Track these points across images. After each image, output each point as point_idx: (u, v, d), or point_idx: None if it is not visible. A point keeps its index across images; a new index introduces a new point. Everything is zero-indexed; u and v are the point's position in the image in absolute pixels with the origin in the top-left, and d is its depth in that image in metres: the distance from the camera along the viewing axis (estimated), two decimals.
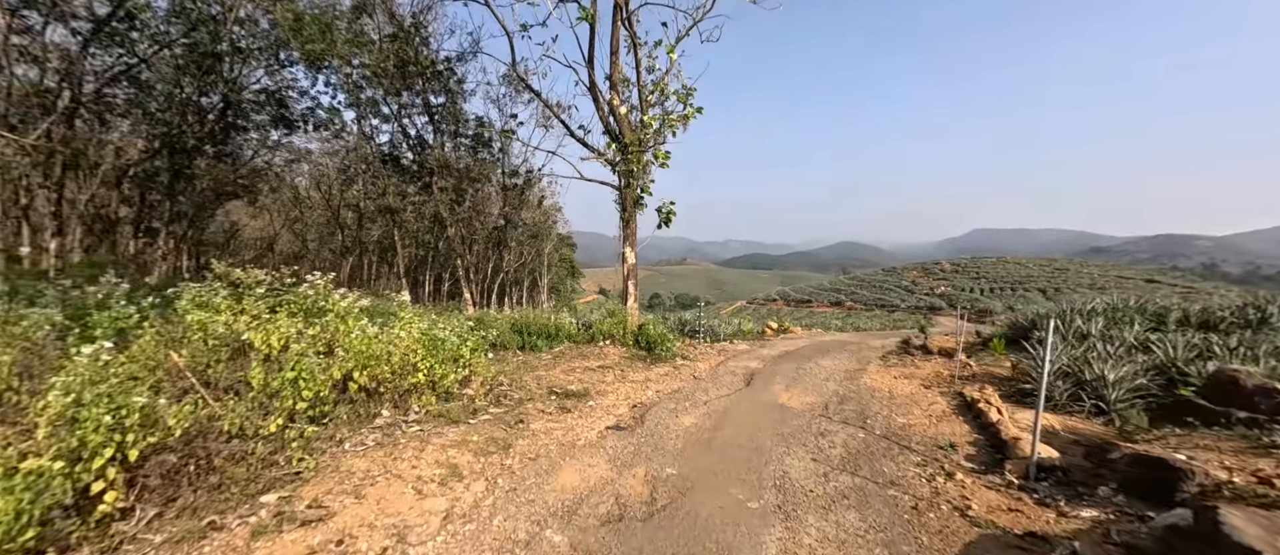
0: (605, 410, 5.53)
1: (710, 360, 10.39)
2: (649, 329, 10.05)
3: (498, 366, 7.77)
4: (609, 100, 12.43)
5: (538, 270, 51.19)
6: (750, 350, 12.72)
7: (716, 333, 16.01)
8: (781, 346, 13.95)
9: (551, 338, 10.29)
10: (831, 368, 10.10)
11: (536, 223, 36.90)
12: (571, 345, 10.44)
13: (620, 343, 10.27)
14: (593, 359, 8.90)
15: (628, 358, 9.35)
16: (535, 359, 8.75)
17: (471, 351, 5.64)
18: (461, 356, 5.56)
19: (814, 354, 12.48)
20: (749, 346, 13.60)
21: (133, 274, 15.43)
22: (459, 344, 5.62)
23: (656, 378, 7.85)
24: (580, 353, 9.46)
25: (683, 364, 9.36)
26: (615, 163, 11.80)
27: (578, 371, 7.64)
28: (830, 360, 11.37)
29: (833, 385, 7.98)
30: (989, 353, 11.78)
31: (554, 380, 6.82)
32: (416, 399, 4.63)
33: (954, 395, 7.44)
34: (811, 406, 6.39)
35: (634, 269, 12.86)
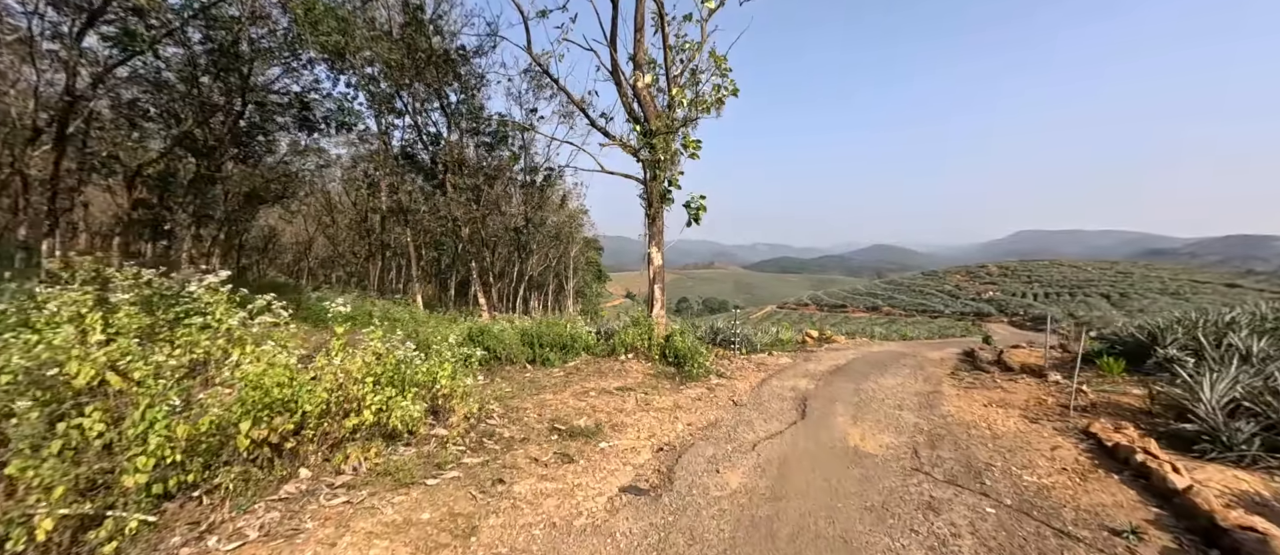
0: (621, 457, 4.14)
1: (749, 377, 8.86)
2: (677, 340, 8.63)
3: (497, 387, 6.51)
4: (632, 82, 11.11)
5: (563, 274, 50.47)
6: (794, 364, 11.08)
7: (752, 342, 14.40)
8: (829, 359, 12.24)
9: (566, 350, 9.00)
10: (897, 389, 8.40)
11: (560, 225, 36.03)
12: (589, 358, 9.11)
13: (644, 356, 8.87)
14: (611, 377, 7.53)
15: (653, 375, 7.94)
16: (544, 377, 7.45)
17: (451, 377, 4.37)
18: (437, 383, 4.30)
19: (869, 370, 10.74)
20: (791, 359, 11.96)
21: None
22: (433, 367, 4.36)
23: (688, 403, 6.41)
24: (598, 369, 8.11)
25: (718, 384, 7.87)
26: (638, 150, 10.44)
27: (592, 395, 6.28)
28: (892, 378, 9.64)
29: (910, 416, 6.34)
30: (1093, 371, 9.73)
31: (560, 409, 5.47)
32: (357, 450, 3.37)
33: (1079, 434, 5.70)
34: (895, 451, 4.82)
35: (660, 272, 11.47)
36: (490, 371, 7.61)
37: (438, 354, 4.87)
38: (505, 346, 8.00)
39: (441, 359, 4.70)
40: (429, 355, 5.05)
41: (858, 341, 19.72)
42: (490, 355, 7.87)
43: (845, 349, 15.62)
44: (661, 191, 11.14)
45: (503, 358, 7.96)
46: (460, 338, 7.80)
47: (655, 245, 11.37)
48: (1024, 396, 7.77)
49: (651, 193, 11.11)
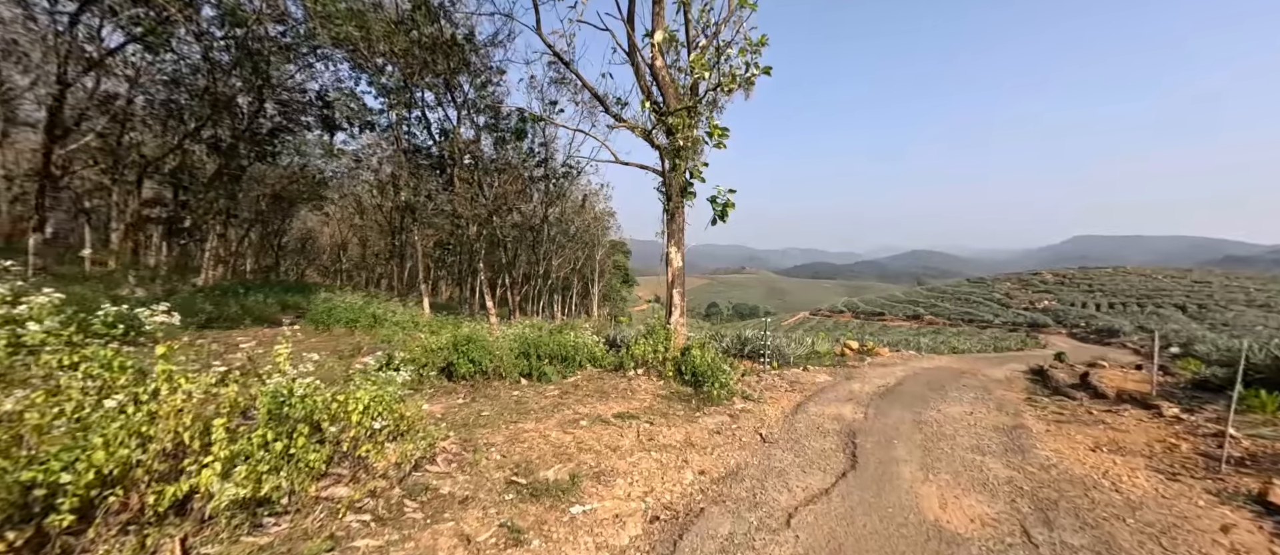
0: (596, 532, 2.90)
1: (781, 400, 7.44)
2: (696, 354, 7.31)
3: (469, 412, 5.38)
4: (650, 61, 9.90)
5: (589, 277, 49.68)
6: (834, 383, 9.55)
7: (784, 355, 12.87)
8: (875, 377, 10.61)
9: (567, 362, 7.83)
10: (969, 421, 6.80)
11: (584, 226, 35.15)
12: (594, 373, 7.92)
13: (656, 372, 7.59)
14: (613, 399, 6.30)
15: (664, 397, 6.65)
16: (535, 396, 6.29)
17: (364, 412, 3.21)
18: (344, 421, 3.15)
19: (926, 392, 9.09)
20: (830, 376, 10.41)
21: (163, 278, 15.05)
22: (337, 403, 3.21)
23: (703, 438, 5.09)
24: (599, 388, 6.89)
25: (743, 410, 6.51)
26: (651, 130, 9.21)
27: (583, 424, 5.05)
28: (956, 404, 8.00)
29: (999, 466, 4.81)
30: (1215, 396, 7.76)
31: (536, 446, 4.27)
32: (175, 536, 2.25)
33: (1251, 503, 4.07)
34: (995, 530, 3.37)
35: (680, 275, 10.17)
36: (474, 389, 6.52)
37: (366, 376, 3.77)
38: (494, 359, 6.90)
39: (370, 385, 3.58)
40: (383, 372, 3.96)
41: (904, 355, 17.77)
42: (475, 369, 6.77)
43: (892, 364, 13.85)
44: (682, 184, 9.86)
45: (490, 372, 6.85)
46: (439, 346, 6.76)
47: (674, 245, 10.09)
48: (1141, 438, 6.04)
49: (670, 185, 9.85)
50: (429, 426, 4.00)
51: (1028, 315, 65.40)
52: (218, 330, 11.66)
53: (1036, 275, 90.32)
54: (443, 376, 6.81)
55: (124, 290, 12.77)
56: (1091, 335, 52.22)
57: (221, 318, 12.65)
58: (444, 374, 6.84)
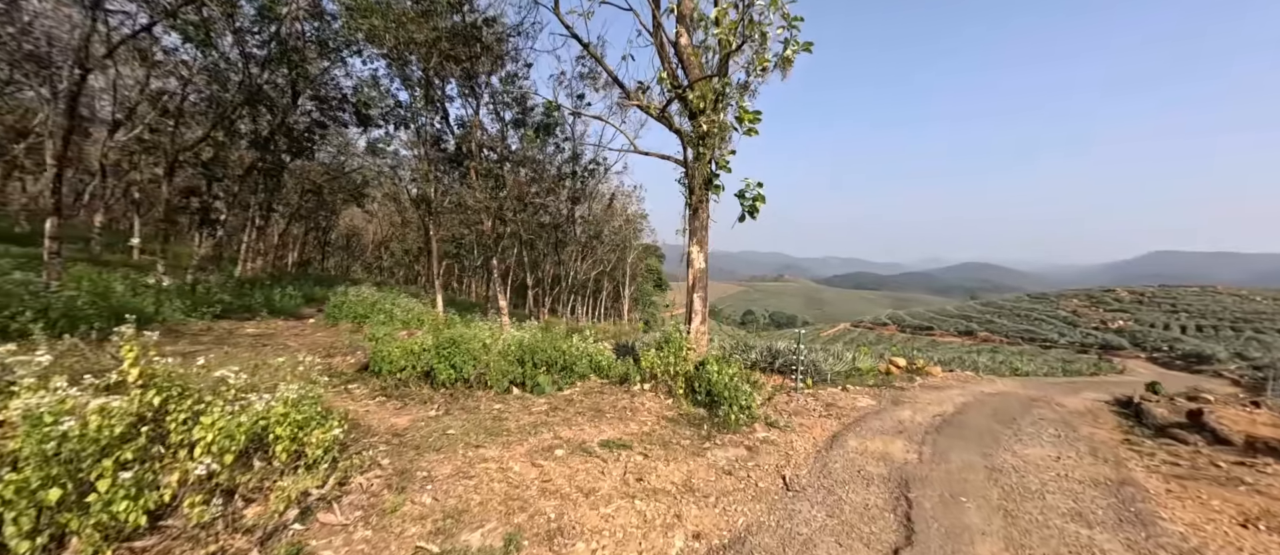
0: None
1: (814, 429, 6.23)
2: (712, 369, 6.22)
3: (434, 429, 4.55)
4: (675, 40, 8.92)
5: (620, 280, 49.01)
6: (879, 408, 8.18)
7: (821, 371, 11.51)
8: (928, 402, 9.12)
9: (566, 372, 6.93)
10: (1056, 470, 5.38)
11: (615, 229, 34.42)
12: (597, 383, 6.98)
13: (666, 389, 6.55)
14: (607, 419, 5.32)
15: (669, 420, 5.61)
16: (519, 411, 5.41)
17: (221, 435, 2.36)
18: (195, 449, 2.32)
19: (993, 424, 7.60)
20: (874, 399, 9.02)
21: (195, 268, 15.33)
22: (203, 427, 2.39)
23: (708, 481, 4.04)
24: (596, 404, 5.93)
25: (765, 440, 5.38)
26: (666, 106, 8.22)
27: (558, 453, 4.11)
28: (1036, 445, 6.53)
29: (1116, 548, 3.49)
30: None
31: (481, 488, 3.35)
32: None
33: None
34: None
35: (702, 277, 9.09)
36: (453, 398, 5.71)
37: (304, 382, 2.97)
38: (479, 365, 6.07)
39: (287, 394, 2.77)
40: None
41: (959, 375, 15.83)
42: (457, 376, 5.97)
43: (946, 386, 12.16)
44: (706, 175, 8.80)
45: (473, 380, 6.02)
46: (421, 349, 6.00)
47: (696, 244, 9.03)
48: None
49: (693, 176, 8.80)
50: (365, 452, 3.15)
51: (1099, 336, 59.59)
52: (233, 321, 11.60)
53: (1109, 292, 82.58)
54: (423, 382, 6.05)
55: (151, 279, 13.02)
56: (1177, 361, 46.70)
57: (239, 309, 12.65)
58: (425, 379, 6.09)
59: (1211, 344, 49.54)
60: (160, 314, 10.25)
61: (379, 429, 4.59)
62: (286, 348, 8.74)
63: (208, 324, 10.51)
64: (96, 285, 9.22)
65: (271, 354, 8.11)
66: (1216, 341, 51.68)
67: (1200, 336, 55.35)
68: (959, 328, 72.91)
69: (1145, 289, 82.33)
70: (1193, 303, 71.21)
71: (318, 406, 3.14)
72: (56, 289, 8.26)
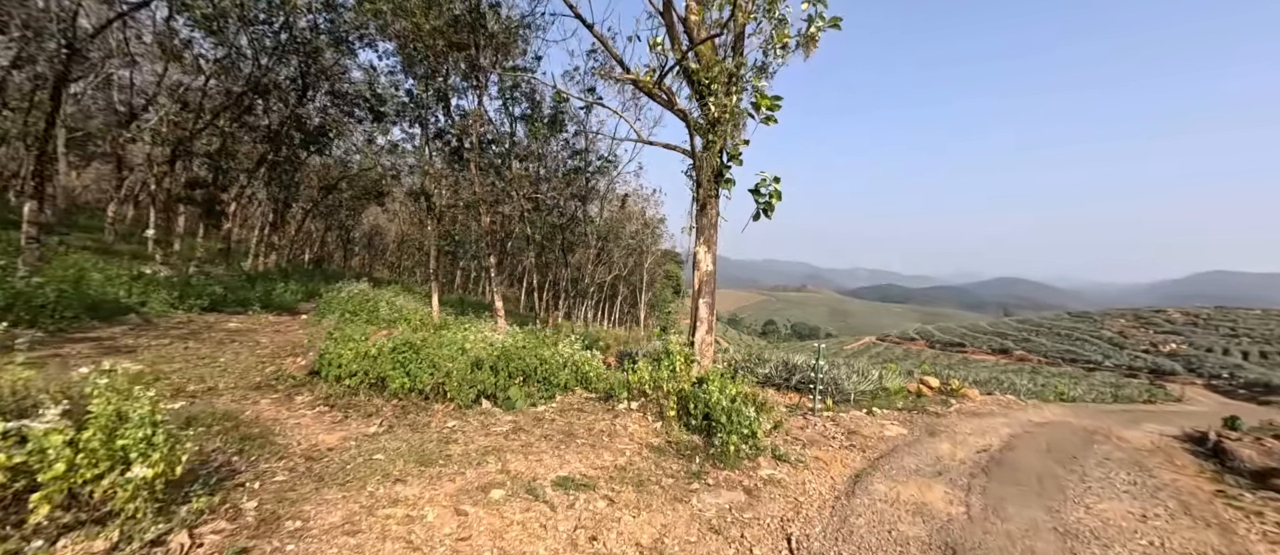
0: None
1: (832, 465, 5.17)
2: (713, 390, 5.22)
3: (363, 450, 3.72)
4: (685, 16, 8.01)
5: (638, 286, 48.14)
6: (911, 438, 7.02)
7: (844, 390, 10.34)
8: (969, 433, 7.87)
9: (547, 384, 6.05)
10: (1142, 532, 4.20)
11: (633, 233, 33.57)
12: (580, 398, 6.08)
13: (655, 410, 5.57)
14: (577, 447, 4.40)
15: (654, 449, 4.65)
16: (475, 431, 4.55)
17: None
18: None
19: (1052, 465, 6.36)
20: (905, 427, 7.83)
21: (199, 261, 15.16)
22: None
23: (686, 546, 3.06)
24: (569, 425, 5.01)
25: (770, 479, 4.37)
26: (662, 73, 7.33)
27: (495, 496, 3.21)
28: (1112, 498, 5.31)
29: None
30: None
31: (370, 547, 2.46)
32: None
33: None
34: None
35: (710, 281, 8.12)
36: (403, 412, 4.89)
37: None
38: (437, 374, 5.24)
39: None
40: None
41: (1000, 399, 14.29)
42: (411, 385, 5.15)
43: (987, 413, 10.78)
44: (717, 167, 7.85)
45: (430, 391, 5.19)
46: (376, 353, 5.21)
47: (703, 243, 8.07)
48: None
49: (702, 168, 7.86)
50: (235, 489, 2.31)
51: (1149, 359, 55.54)
52: (221, 315, 11.19)
53: (1159, 312, 77.45)
54: (375, 391, 5.25)
55: (149, 269, 12.81)
56: (1240, 390, 42.88)
57: (234, 302, 12.28)
58: (379, 388, 5.29)
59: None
60: (147, 305, 9.91)
61: (296, 449, 3.79)
62: (257, 344, 8.13)
63: (190, 317, 10.08)
64: (73, 275, 8.83)
65: (236, 351, 7.51)
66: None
67: (1265, 364, 50.95)
68: (993, 345, 69.33)
69: (1200, 310, 76.80)
70: (1255, 326, 65.97)
71: (159, 430, 2.33)
72: (25, 276, 7.88)
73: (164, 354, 6.52)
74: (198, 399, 4.74)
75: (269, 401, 4.91)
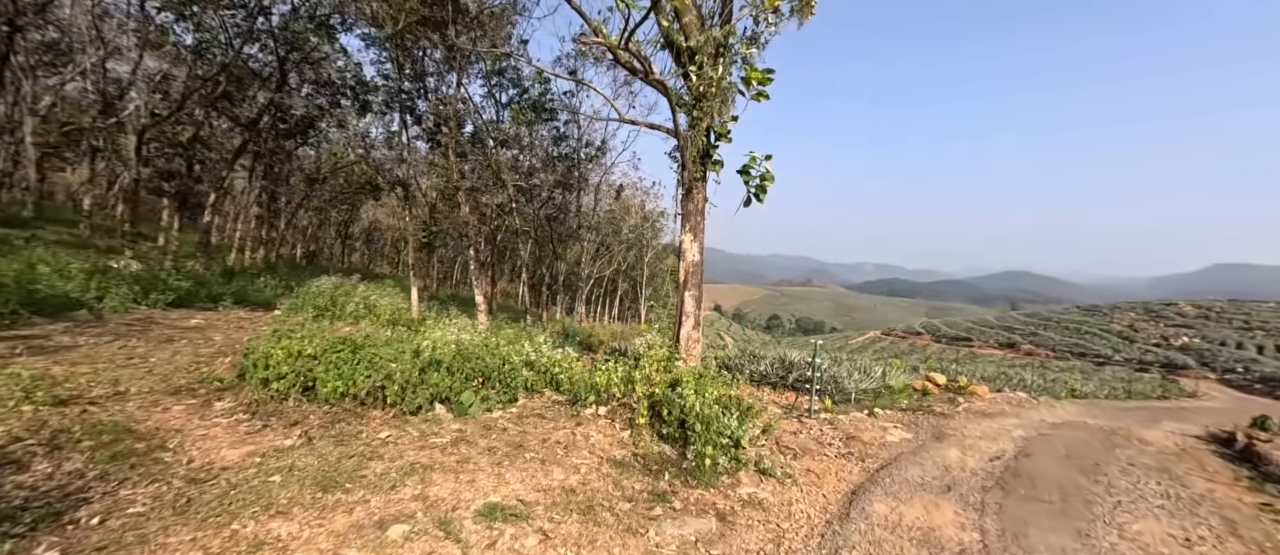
0: None
1: (826, 479, 4.53)
2: (689, 392, 4.57)
3: (262, 471, 3.11)
4: None
5: (638, 280, 47.48)
6: (916, 444, 6.36)
7: (844, 389, 9.69)
8: (979, 436, 7.19)
9: (507, 386, 5.43)
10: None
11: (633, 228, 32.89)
12: (547, 401, 5.46)
13: (624, 417, 4.94)
14: (524, 463, 3.78)
15: (617, 464, 4.02)
16: (409, 444, 3.94)
17: None
18: None
19: (1074, 474, 5.69)
20: (909, 430, 7.16)
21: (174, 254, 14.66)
22: None
23: None
24: (521, 434, 4.39)
25: (750, 499, 3.75)
26: (629, 32, 6.65)
27: (397, 533, 2.59)
28: (1147, 516, 4.65)
29: None
30: None
31: None
32: None
33: None
34: None
35: (696, 272, 7.46)
36: (332, 421, 4.28)
37: None
38: (375, 375, 4.62)
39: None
40: None
41: (1010, 397, 13.57)
42: (345, 389, 4.54)
43: (998, 413, 10.09)
44: (703, 147, 7.17)
45: (365, 396, 4.58)
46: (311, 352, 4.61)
47: (689, 231, 7.40)
48: None
49: (686, 148, 7.18)
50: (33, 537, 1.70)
51: (1160, 353, 54.41)
52: (185, 311, 10.66)
53: (1170, 305, 76.02)
54: (307, 396, 4.65)
55: (118, 263, 12.31)
56: (1256, 384, 41.84)
57: (204, 297, 11.74)
58: (312, 393, 4.69)
59: None
60: (104, 301, 9.38)
61: (180, 470, 3.19)
62: (207, 342, 7.57)
63: (151, 313, 9.53)
64: (19, 269, 8.30)
65: (177, 349, 6.94)
66: None
67: None
68: (1000, 339, 68.27)
69: (1212, 303, 75.32)
70: (1269, 319, 64.57)
71: None
72: None
73: (92, 354, 5.94)
74: (99, 406, 4.15)
75: (182, 408, 4.33)
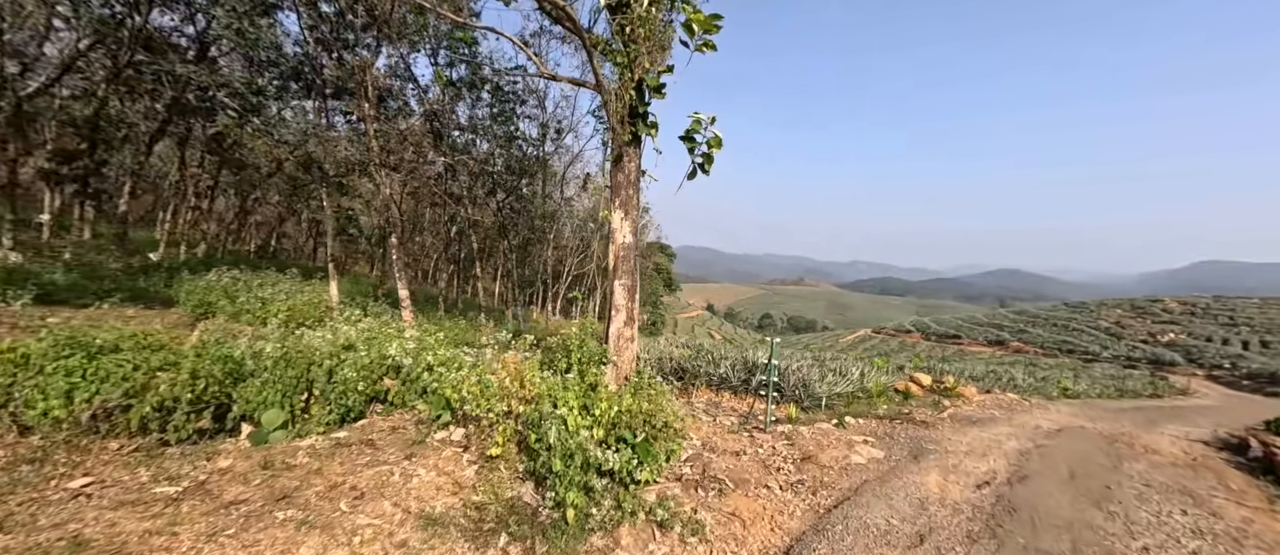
0: None
1: (755, 528, 3.27)
2: (544, 422, 3.25)
3: None
4: None
5: None
6: (886, 466, 5.12)
7: (814, 393, 8.48)
8: (964, 452, 5.96)
9: (344, 405, 4.11)
10: None
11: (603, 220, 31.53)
12: (399, 421, 4.14)
13: (482, 442, 3.63)
14: (269, 527, 2.45)
15: (438, 519, 2.72)
16: (112, 504, 2.58)
17: None
18: None
19: (1082, 502, 4.49)
20: (881, 446, 5.92)
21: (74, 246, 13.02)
22: None
23: None
24: (311, 475, 3.07)
25: None
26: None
27: None
28: None
29: None
30: None
31: None
32: None
33: None
34: None
35: (627, 256, 6.18)
36: (30, 459, 2.92)
37: None
38: (113, 394, 3.28)
39: None
40: None
41: (1000, 398, 12.44)
42: (67, 413, 3.19)
43: (988, 419, 8.90)
44: (631, 103, 5.87)
45: (103, 421, 3.23)
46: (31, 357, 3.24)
47: (619, 206, 6.12)
48: None
49: (609, 104, 5.88)
50: None
51: (1147, 349, 54.07)
52: (52, 307, 9.22)
53: (1156, 302, 76.07)
54: (15, 421, 3.29)
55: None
56: (1244, 380, 41.40)
57: (90, 293, 10.29)
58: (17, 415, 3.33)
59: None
60: None
61: None
62: None
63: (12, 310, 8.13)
64: None
65: None
66: None
67: (1267, 353, 49.54)
68: (989, 337, 67.85)
69: (1197, 299, 75.51)
70: (1254, 315, 64.72)
71: None
72: None
73: None
74: None
75: None
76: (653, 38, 5.71)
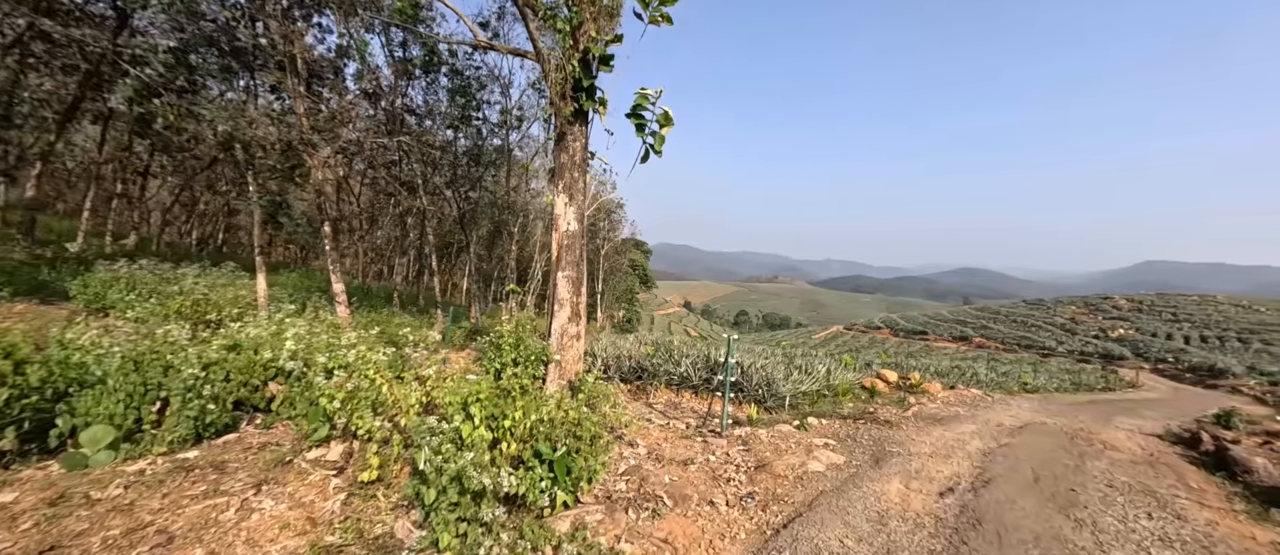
0: None
1: (702, 548, 2.78)
2: (464, 423, 2.71)
3: None
4: None
5: (593, 273, 45.40)
6: (847, 473, 4.72)
7: (778, 393, 8.10)
8: (928, 453, 5.64)
9: (204, 419, 3.41)
10: None
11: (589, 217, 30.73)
12: (276, 435, 3.47)
13: (367, 475, 3.03)
14: None
15: None
16: None
17: None
18: None
19: (1048, 510, 4.17)
20: (843, 450, 5.55)
21: None
22: None
23: None
24: (108, 512, 2.40)
25: None
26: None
27: None
28: None
29: None
30: None
31: None
32: None
33: None
34: None
35: (573, 245, 5.60)
36: None
37: None
38: None
39: None
40: None
41: (964, 394, 12.43)
42: None
43: (952, 417, 8.71)
44: (573, 75, 5.29)
45: None
46: None
47: (562, 189, 5.53)
48: None
49: (549, 75, 5.29)
50: None
51: (1099, 344, 56.58)
52: None
53: (1107, 299, 79.93)
54: None
55: None
56: (1186, 373, 43.64)
57: None
58: None
59: (1220, 356, 46.65)
60: None
61: None
62: None
63: None
64: None
65: None
66: (1224, 353, 48.89)
67: (1206, 347, 52.49)
68: (954, 333, 69.89)
69: (1144, 297, 79.71)
70: (1194, 312, 68.73)
71: None
72: None
73: None
74: None
75: None
76: (598, 2, 5.14)
